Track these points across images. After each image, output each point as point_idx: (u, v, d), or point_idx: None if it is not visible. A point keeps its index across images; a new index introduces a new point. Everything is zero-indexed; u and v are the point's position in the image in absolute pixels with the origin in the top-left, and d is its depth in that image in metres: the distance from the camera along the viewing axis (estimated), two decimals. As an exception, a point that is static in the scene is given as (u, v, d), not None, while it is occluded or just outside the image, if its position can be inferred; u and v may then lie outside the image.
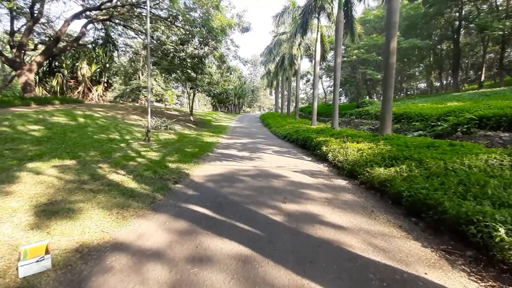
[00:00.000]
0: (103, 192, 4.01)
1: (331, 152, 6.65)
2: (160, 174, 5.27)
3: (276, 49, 22.96)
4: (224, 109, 47.78)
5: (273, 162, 6.81)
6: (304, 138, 9.96)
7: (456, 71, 27.47)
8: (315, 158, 7.70)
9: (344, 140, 8.15)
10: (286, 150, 9.22)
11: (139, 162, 6.22)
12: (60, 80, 20.42)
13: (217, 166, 6.26)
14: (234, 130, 17.70)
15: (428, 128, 11.27)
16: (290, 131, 13.68)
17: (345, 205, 3.68)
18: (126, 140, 8.93)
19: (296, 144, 10.74)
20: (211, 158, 7.34)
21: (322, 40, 17.48)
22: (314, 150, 8.19)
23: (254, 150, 9.10)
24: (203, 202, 3.70)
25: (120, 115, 13.79)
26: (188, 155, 7.46)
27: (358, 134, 9.32)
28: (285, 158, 7.61)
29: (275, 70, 30.42)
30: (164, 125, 12.93)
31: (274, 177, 5.23)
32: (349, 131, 11.69)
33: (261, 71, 61.41)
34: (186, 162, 6.47)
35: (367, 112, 17.52)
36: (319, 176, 5.36)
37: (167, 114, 20.20)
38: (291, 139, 11.78)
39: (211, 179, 5.09)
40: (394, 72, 8.71)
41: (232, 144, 10.58)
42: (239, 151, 8.73)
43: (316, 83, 17.13)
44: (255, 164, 6.54)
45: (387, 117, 8.55)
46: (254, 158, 7.46)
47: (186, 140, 10.50)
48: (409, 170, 4.27)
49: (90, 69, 21.61)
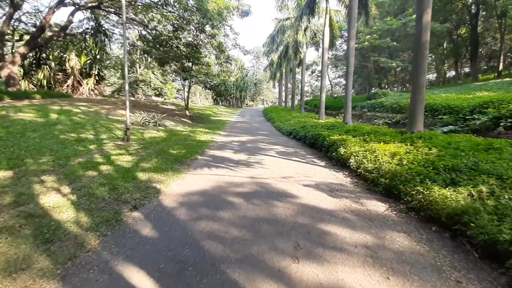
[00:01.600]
0: (8, 233, 2.52)
1: (353, 157, 5.04)
2: (119, 193, 3.76)
3: (280, 37, 21.08)
4: (226, 103, 46.08)
5: (277, 170, 5.24)
6: (313, 135, 8.35)
7: (474, 59, 25.28)
8: (329, 162, 6.11)
9: (366, 139, 6.53)
10: (292, 151, 7.63)
11: (101, 171, 4.71)
12: (47, 73, 18.95)
13: (202, 177, 4.72)
14: (233, 126, 16.12)
15: (459, 122, 9.56)
16: (296, 126, 12.05)
17: (403, 264, 2.11)
18: (99, 141, 7.43)
19: (304, 143, 9.13)
20: (198, 164, 5.80)
21: (330, 24, 15.61)
22: (328, 151, 6.59)
23: (254, 151, 7.53)
24: (155, 261, 2.17)
25: (105, 110, 12.30)
26: (170, 159, 5.93)
27: (379, 131, 7.67)
28: (291, 162, 6.03)
29: (278, 60, 28.54)
30: (153, 121, 11.41)
31: (278, 197, 3.68)
32: (366, 126, 10.02)
33: (264, 64, 59.28)
34: (163, 171, 4.95)
35: (382, 104, 15.75)
36: (342, 195, 3.79)
37: (162, 109, 18.70)
38: (297, 136, 10.17)
39: (187, 201, 3.56)
40: (427, 52, 6.99)
41: (228, 143, 9.02)
42: (236, 153, 7.18)
43: (324, 73, 15.37)
44: (253, 173, 4.98)
45: (419, 109, 6.87)
46: (253, 163, 5.89)
47: (175, 139, 8.97)
48: (495, 196, 2.67)
49: (80, 60, 20.07)
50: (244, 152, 7.26)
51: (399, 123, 12.87)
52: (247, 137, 10.82)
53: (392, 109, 14.44)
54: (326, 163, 6.05)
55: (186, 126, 13.56)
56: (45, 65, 18.86)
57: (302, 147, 8.59)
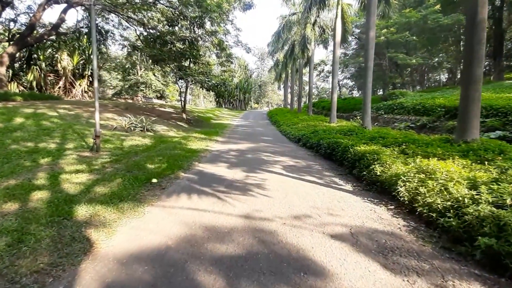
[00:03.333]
0: None
1: (401, 182, 3.34)
2: (19, 254, 2.18)
3: (285, 34, 19.48)
4: (229, 106, 44.58)
5: (285, 200, 3.58)
6: (330, 144, 6.66)
7: (499, 57, 23.16)
8: (358, 184, 4.41)
9: (405, 151, 4.84)
10: (304, 165, 5.95)
11: (27, 202, 3.16)
12: (37, 74, 17.75)
13: (171, 216, 3.10)
14: (234, 130, 14.52)
15: (509, 126, 7.76)
16: (305, 131, 10.38)
17: None
18: (61, 152, 5.92)
19: (317, 152, 7.45)
20: (176, 188, 4.19)
21: (343, 17, 13.95)
22: (353, 167, 4.91)
23: (255, 165, 5.88)
24: None
25: (89, 114, 10.87)
26: (140, 179, 4.35)
27: (416, 138, 5.95)
28: (305, 185, 4.35)
29: (284, 60, 26.93)
30: (140, 125, 9.90)
31: (292, 274, 2.02)
32: (391, 131, 8.30)
33: (269, 65, 57.75)
34: (120, 202, 3.37)
35: (402, 106, 13.93)
36: (407, 267, 2.11)
37: (158, 112, 17.28)
38: (308, 143, 8.49)
39: (124, 281, 1.94)
40: (485, 35, 5.27)
41: (224, 153, 7.40)
42: (231, 168, 5.55)
43: (336, 70, 13.70)
44: (251, 207, 3.32)
45: (473, 111, 5.13)
46: (251, 187, 4.25)
47: (161, 148, 7.42)
48: None
49: (72, 61, 18.87)
50: (241, 167, 5.62)
51: (425, 127, 11.07)
52: (248, 145, 9.20)
53: (415, 111, 12.62)
54: (353, 185, 4.36)
55: (180, 130, 12.03)
56: (35, 65, 17.68)
57: (315, 158, 6.90)
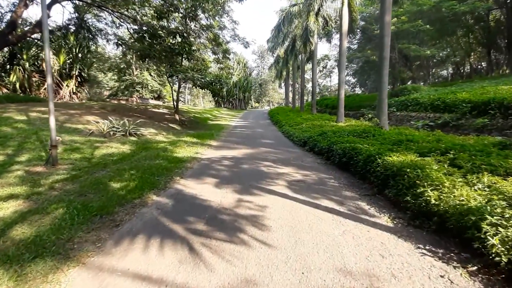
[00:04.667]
0: None
1: (493, 232, 2.00)
2: None
3: (286, 27, 18.11)
4: (229, 105, 43.21)
5: (296, 256, 2.26)
6: (345, 150, 5.33)
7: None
8: (399, 215, 3.08)
9: (457, 163, 3.52)
10: (316, 180, 4.62)
11: None
12: (20, 75, 16.53)
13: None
14: (231, 132, 13.21)
15: None
16: (312, 132, 9.07)
17: None
18: (7, 165, 4.67)
19: (328, 159, 6.13)
20: (135, 225, 2.88)
21: (349, 4, 12.60)
22: (385, 185, 3.59)
23: (251, 181, 4.56)
24: None
25: (66, 117, 9.62)
26: (89, 209, 3.08)
27: (460, 142, 4.61)
28: (324, 220, 3.00)
29: (285, 56, 25.57)
30: (122, 129, 8.62)
31: None
32: (416, 133, 6.98)
33: (269, 63, 56.34)
34: (32, 259, 2.09)
35: (417, 102, 12.56)
36: None
37: (150, 113, 16.02)
38: (316, 147, 7.15)
39: None
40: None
41: (216, 163, 6.10)
42: (219, 187, 4.23)
43: (343, 64, 12.35)
44: (238, 276, 1.98)
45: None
46: (244, 224, 2.93)
47: (139, 157, 6.14)
48: None
49: (58, 60, 17.62)
50: (233, 184, 4.31)
51: (447, 126, 9.72)
52: (246, 150, 7.89)
53: (433, 108, 11.26)
54: (391, 216, 3.02)
55: (170, 134, 10.74)
56: (18, 65, 16.47)
57: (327, 168, 5.58)
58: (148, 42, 12.65)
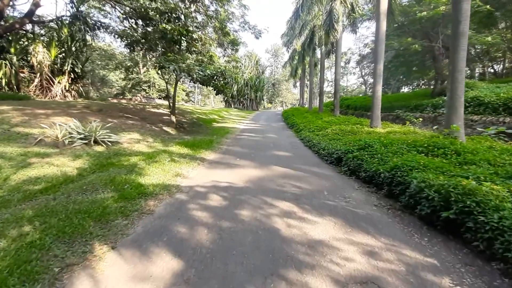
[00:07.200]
0: None
1: None
2: None
3: (305, 13, 15.43)
4: (239, 105, 40.84)
5: None
6: (446, 195, 2.68)
7: None
8: None
9: None
10: (403, 272, 2.04)
11: None
12: (7, 71, 14.86)
13: None
14: (237, 138, 10.72)
15: None
16: (346, 142, 6.40)
17: None
18: None
19: (397, 199, 3.49)
20: None
21: (390, -23, 9.80)
22: None
23: (256, 271, 2.04)
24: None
25: (25, 118, 7.50)
26: None
27: None
28: None
29: (301, 51, 22.88)
30: (84, 136, 6.32)
31: None
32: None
33: (282, 61, 53.58)
34: None
35: (479, 102, 9.57)
36: None
37: (145, 114, 13.89)
38: (362, 170, 4.49)
39: None
40: None
41: (199, 200, 3.60)
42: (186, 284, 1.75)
43: (381, 52, 9.58)
44: None
45: None
46: None
47: (80, 185, 3.77)
48: None
49: (49, 54, 15.87)
50: (218, 278, 1.81)
51: (541, 135, 6.78)
52: (251, 171, 5.36)
53: (507, 110, 8.29)
54: None
55: (158, 141, 8.39)
56: (5, 60, 14.85)
57: (408, 224, 2.93)
58: (141, 27, 10.50)
